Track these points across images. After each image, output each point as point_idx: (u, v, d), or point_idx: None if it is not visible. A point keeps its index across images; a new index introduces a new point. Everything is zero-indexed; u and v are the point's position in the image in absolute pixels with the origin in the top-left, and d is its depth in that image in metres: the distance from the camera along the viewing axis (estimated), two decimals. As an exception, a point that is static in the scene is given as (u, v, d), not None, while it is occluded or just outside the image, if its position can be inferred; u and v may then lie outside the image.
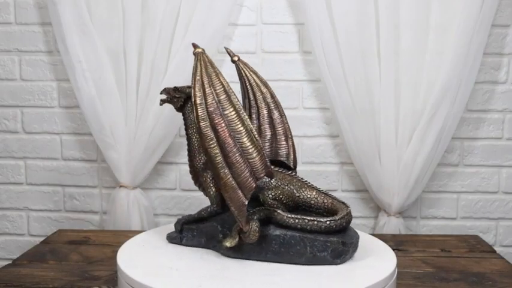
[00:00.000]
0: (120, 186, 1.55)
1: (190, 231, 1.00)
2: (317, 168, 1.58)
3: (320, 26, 1.43)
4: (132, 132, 1.50)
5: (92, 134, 1.53)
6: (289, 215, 0.91)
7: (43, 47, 1.59)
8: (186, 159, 1.60)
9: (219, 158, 0.84)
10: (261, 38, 1.56)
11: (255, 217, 0.89)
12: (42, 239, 1.39)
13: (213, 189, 0.97)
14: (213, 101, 0.85)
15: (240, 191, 0.85)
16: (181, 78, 1.46)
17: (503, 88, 1.55)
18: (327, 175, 1.59)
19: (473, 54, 1.42)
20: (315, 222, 0.89)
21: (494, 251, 1.28)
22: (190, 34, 1.45)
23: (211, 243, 0.97)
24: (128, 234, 1.31)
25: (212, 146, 0.84)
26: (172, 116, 1.48)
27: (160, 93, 1.03)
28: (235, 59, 1.00)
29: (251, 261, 0.92)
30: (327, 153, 1.58)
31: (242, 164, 0.85)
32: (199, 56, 0.90)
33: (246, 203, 0.86)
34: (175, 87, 1.01)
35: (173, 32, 1.46)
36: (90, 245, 1.30)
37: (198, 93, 0.86)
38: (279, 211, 0.91)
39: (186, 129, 1.01)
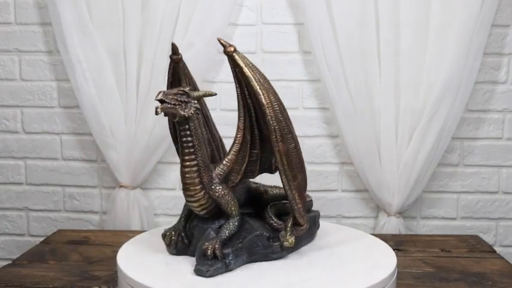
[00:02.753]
0: (120, 186, 1.55)
1: (234, 252, 0.87)
2: (317, 168, 1.58)
3: (320, 26, 1.43)
4: (132, 132, 1.50)
5: (92, 134, 1.53)
6: None
7: (43, 47, 1.59)
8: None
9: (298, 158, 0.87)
10: (261, 38, 1.56)
11: (272, 210, 0.95)
12: (42, 239, 1.39)
13: (235, 200, 0.89)
14: (278, 103, 0.85)
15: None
16: (181, 78, 1.46)
17: (503, 88, 1.55)
18: (327, 175, 1.59)
19: (473, 54, 1.42)
20: (310, 202, 1.02)
21: (494, 251, 1.28)
22: (190, 34, 1.45)
23: (254, 255, 0.90)
24: (128, 234, 1.31)
25: (293, 146, 0.86)
26: (172, 116, 1.48)
27: (159, 99, 0.81)
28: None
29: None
30: (327, 153, 1.58)
31: (303, 161, 0.88)
32: (239, 54, 0.85)
33: None
34: (180, 90, 0.84)
35: (173, 32, 1.46)
36: (90, 245, 1.30)
37: (268, 96, 0.84)
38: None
39: (192, 141, 0.84)
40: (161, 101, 0.81)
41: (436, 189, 1.58)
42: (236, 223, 0.89)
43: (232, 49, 0.84)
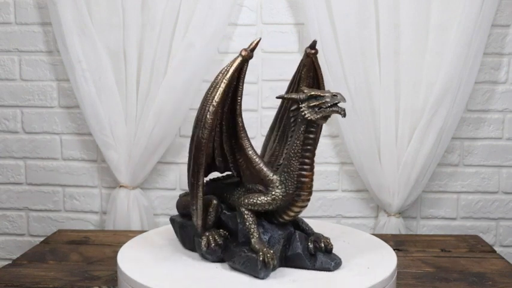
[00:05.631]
0: (120, 186, 1.55)
1: None
2: (317, 168, 1.56)
3: (320, 26, 1.43)
4: (132, 132, 1.50)
5: (92, 134, 1.53)
6: None
7: (43, 47, 1.59)
8: (186, 159, 1.61)
9: None
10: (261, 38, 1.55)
11: None
12: (42, 239, 1.39)
13: None
14: None
15: None
16: (181, 78, 1.46)
17: (503, 88, 1.55)
18: (327, 175, 1.59)
19: (473, 54, 1.42)
20: None
21: (494, 251, 1.28)
22: (190, 34, 1.45)
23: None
24: (128, 234, 1.31)
25: None
26: (172, 116, 1.48)
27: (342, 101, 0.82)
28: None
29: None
30: (327, 153, 1.58)
31: None
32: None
33: None
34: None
35: (173, 32, 1.46)
36: (90, 245, 1.30)
37: None
38: None
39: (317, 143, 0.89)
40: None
41: (436, 189, 1.58)
42: None
43: (314, 52, 0.93)
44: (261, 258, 0.82)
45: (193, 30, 1.45)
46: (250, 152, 0.88)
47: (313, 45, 0.93)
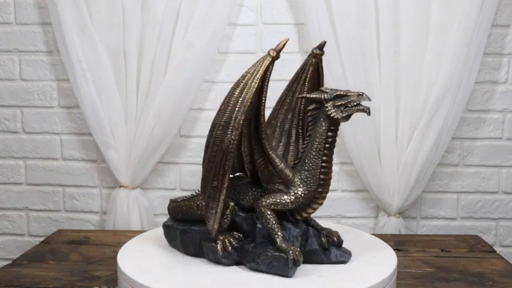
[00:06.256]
0: (120, 186, 1.55)
1: None
2: (317, 168, 1.58)
3: (320, 26, 1.43)
4: (132, 132, 1.51)
5: (92, 134, 1.53)
6: None
7: (43, 47, 1.59)
8: (186, 159, 1.62)
9: None
10: (261, 38, 1.56)
11: None
12: (42, 239, 1.39)
13: None
14: None
15: None
16: (181, 78, 1.46)
17: (503, 88, 1.55)
18: (327, 175, 1.58)
19: (473, 54, 1.42)
20: None
21: (494, 251, 1.28)
22: (190, 34, 1.45)
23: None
24: (128, 234, 1.31)
25: None
26: (172, 116, 1.48)
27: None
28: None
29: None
30: (327, 153, 1.58)
31: None
32: None
33: None
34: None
35: (173, 32, 1.46)
36: (90, 245, 1.30)
37: None
38: None
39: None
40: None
41: (436, 189, 1.58)
42: None
43: (321, 53, 0.93)
44: (291, 257, 0.83)
45: (193, 30, 1.45)
46: (271, 153, 0.88)
47: (321, 46, 0.94)
